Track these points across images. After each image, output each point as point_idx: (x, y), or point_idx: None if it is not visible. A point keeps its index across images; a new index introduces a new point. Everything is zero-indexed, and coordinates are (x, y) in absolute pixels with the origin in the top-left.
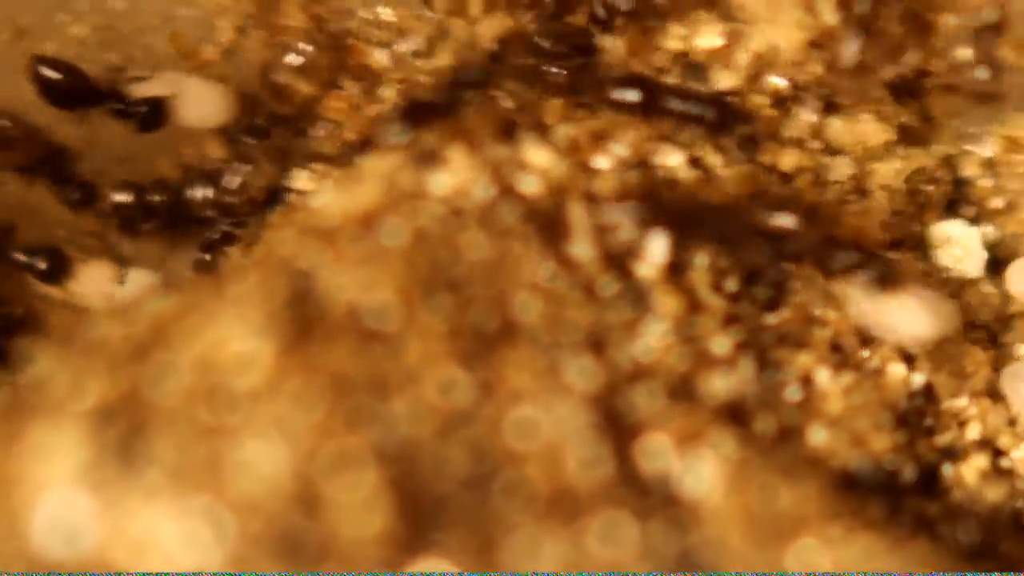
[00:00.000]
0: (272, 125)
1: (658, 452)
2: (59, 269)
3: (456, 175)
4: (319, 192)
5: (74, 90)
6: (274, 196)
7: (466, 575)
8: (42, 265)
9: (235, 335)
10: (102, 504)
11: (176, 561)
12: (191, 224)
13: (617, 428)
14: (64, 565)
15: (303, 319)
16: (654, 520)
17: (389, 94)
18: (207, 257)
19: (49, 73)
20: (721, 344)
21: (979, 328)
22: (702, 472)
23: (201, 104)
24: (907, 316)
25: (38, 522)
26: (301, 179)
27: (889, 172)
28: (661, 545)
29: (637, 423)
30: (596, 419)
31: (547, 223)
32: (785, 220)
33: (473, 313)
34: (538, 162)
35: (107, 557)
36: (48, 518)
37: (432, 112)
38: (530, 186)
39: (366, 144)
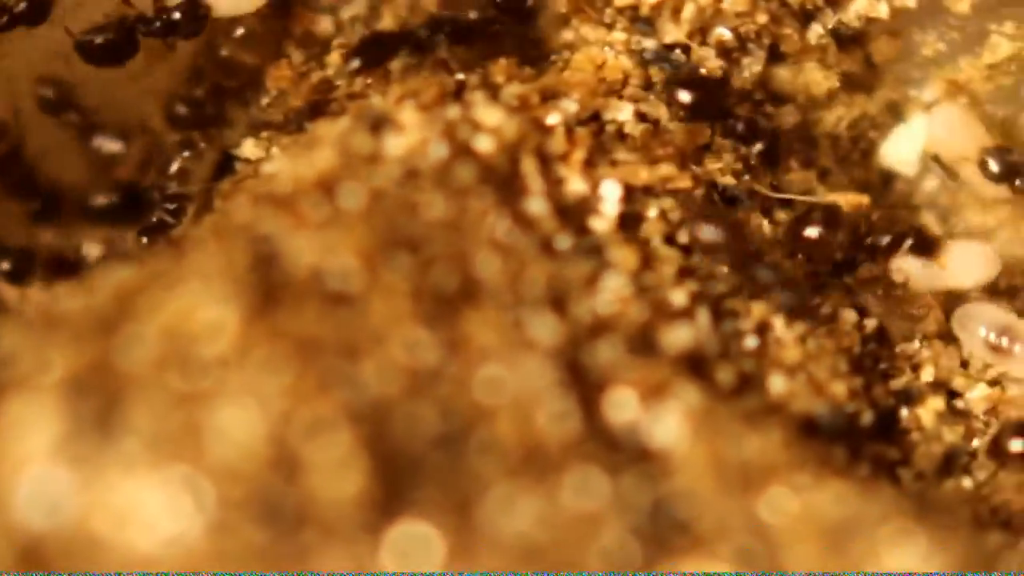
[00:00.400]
0: (216, 97)
1: (624, 404)
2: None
3: (409, 136)
4: (270, 159)
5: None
6: (222, 166)
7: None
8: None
9: (200, 303)
10: (82, 476)
11: (158, 529)
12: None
13: (583, 382)
14: (46, 537)
15: (267, 285)
16: (625, 472)
17: (334, 59)
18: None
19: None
20: (678, 296)
21: None
22: (668, 423)
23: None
24: None
25: (19, 496)
26: (249, 148)
27: (832, 119)
28: (634, 496)
29: (602, 377)
30: (562, 374)
31: (502, 181)
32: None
33: (434, 273)
34: (490, 121)
35: (89, 527)
36: (29, 492)
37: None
38: (484, 145)
39: (315, 110)
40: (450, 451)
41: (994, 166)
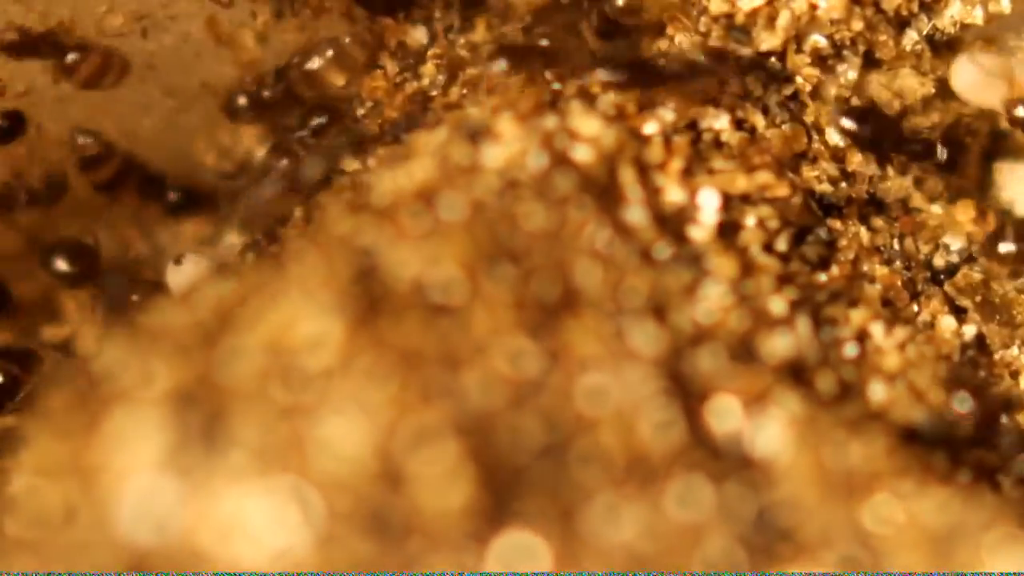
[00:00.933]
0: (311, 113)
1: (727, 413)
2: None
3: (508, 146)
4: (367, 171)
5: None
6: (323, 179)
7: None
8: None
9: (302, 315)
10: (187, 489)
11: (265, 543)
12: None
13: (685, 391)
14: (152, 551)
15: (369, 296)
16: (729, 481)
17: (429, 70)
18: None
19: None
20: (777, 304)
21: None
22: (771, 431)
23: None
24: None
25: (124, 509)
26: (345, 159)
27: (927, 125)
28: (737, 505)
29: (704, 385)
30: (664, 383)
31: (601, 191)
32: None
33: (536, 283)
34: (587, 130)
35: (194, 541)
36: (134, 505)
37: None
38: (581, 155)
39: (410, 121)
40: (554, 461)
41: None
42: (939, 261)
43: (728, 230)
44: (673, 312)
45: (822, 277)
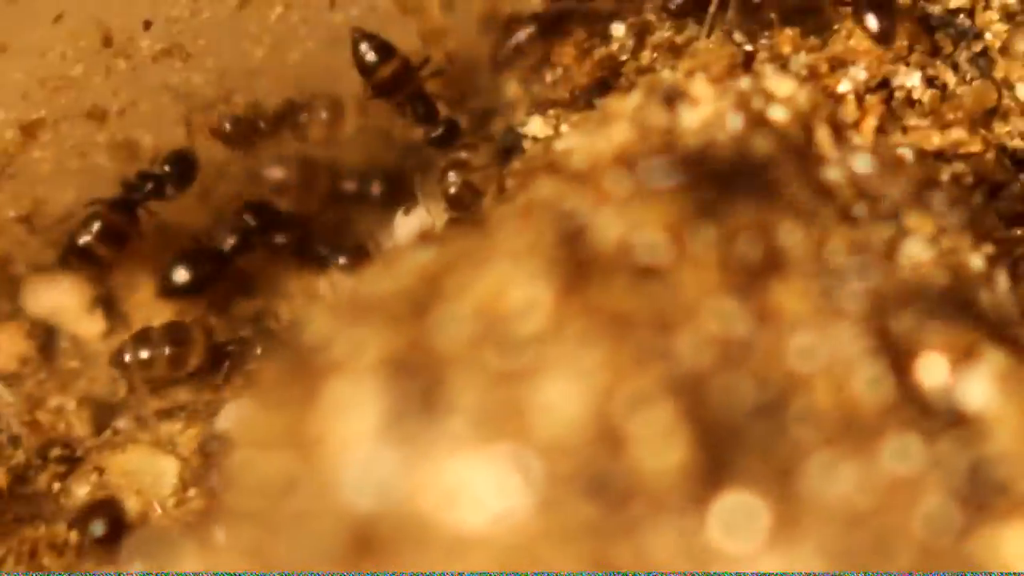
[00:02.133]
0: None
1: (935, 369)
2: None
3: (704, 109)
4: (561, 137)
5: None
6: (511, 145)
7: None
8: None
9: (511, 281)
10: (409, 456)
11: (487, 506)
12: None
13: (893, 348)
14: (375, 517)
15: (576, 260)
16: (941, 436)
17: (619, 33)
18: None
19: None
20: (975, 259)
21: None
22: (980, 386)
23: None
24: None
25: (346, 478)
26: (536, 126)
27: None
28: (951, 460)
29: (910, 342)
30: (872, 341)
31: (798, 150)
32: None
33: (740, 243)
34: (782, 91)
35: (417, 507)
36: (356, 473)
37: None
38: (778, 115)
39: (602, 86)
40: (768, 420)
41: None
42: None
43: (924, 187)
44: (875, 270)
45: (1017, 231)
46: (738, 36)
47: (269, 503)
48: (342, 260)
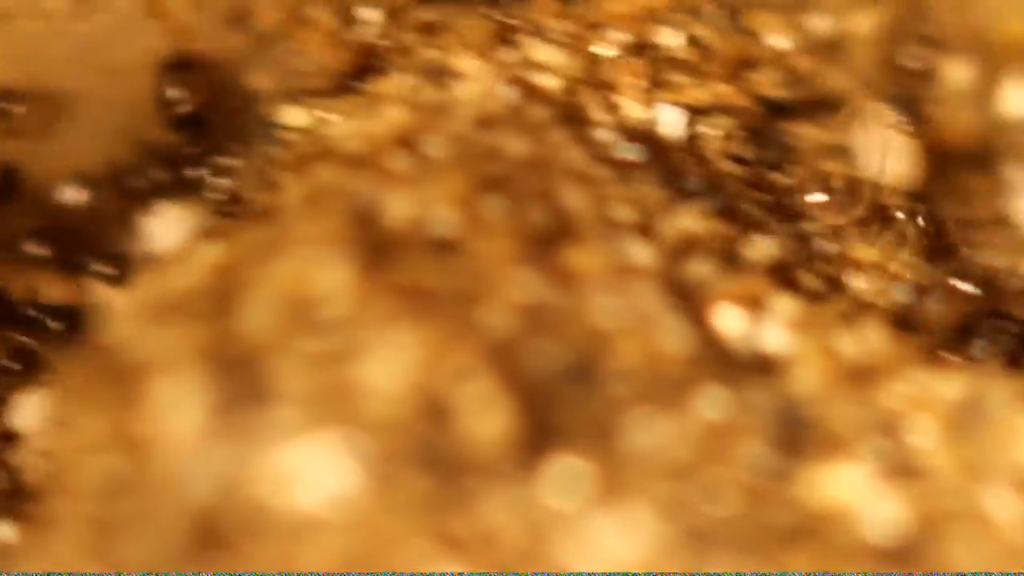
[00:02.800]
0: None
1: (730, 317)
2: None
3: (474, 83)
4: (331, 124)
5: None
6: (271, 138)
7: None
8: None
9: (311, 267)
10: (241, 447)
11: (322, 489)
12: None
13: (689, 300)
14: (215, 510)
15: (372, 241)
16: (748, 383)
17: (370, 17)
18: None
19: None
20: (752, 208)
21: None
22: (775, 331)
23: None
24: None
25: (183, 475)
26: (296, 116)
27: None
28: (761, 405)
29: (704, 293)
30: (668, 293)
31: (571, 115)
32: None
33: (528, 210)
34: (546, 59)
35: (255, 495)
36: (192, 470)
37: None
38: (546, 82)
39: (363, 70)
40: (583, 381)
41: None
42: None
43: (693, 143)
44: (658, 225)
45: (785, 179)
46: (494, 10)
47: (104, 506)
48: (102, 268)
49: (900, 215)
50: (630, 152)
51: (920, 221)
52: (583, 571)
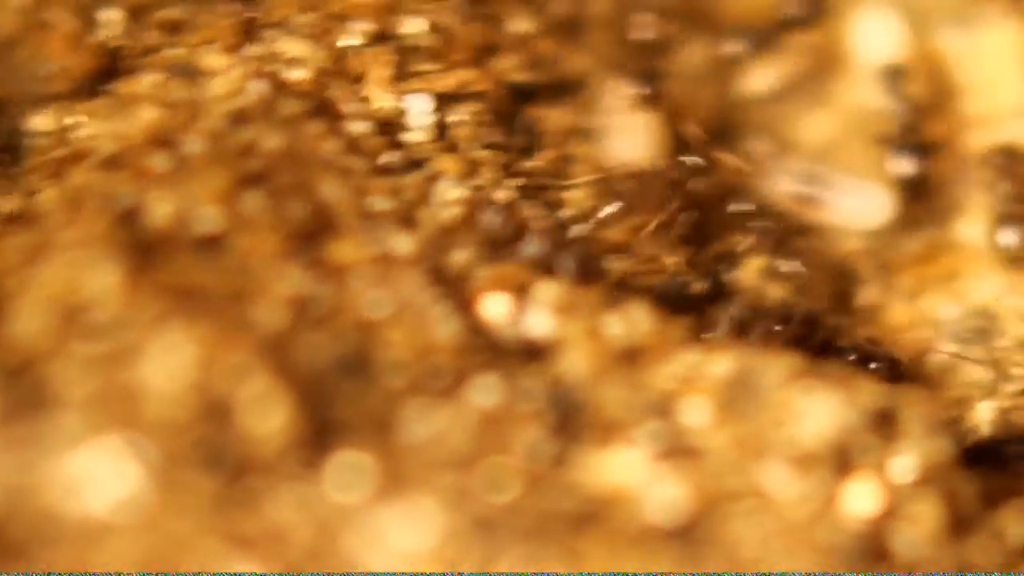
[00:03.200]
0: None
1: (496, 305)
2: None
3: (223, 78)
4: (79, 127)
5: None
6: (18, 144)
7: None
8: None
9: (78, 273)
10: (27, 456)
11: (108, 494)
12: None
13: (454, 288)
14: (5, 519)
15: (137, 242)
16: (520, 370)
17: (110, 18)
18: None
19: None
20: (504, 194)
21: None
22: (541, 316)
23: None
24: None
25: None
26: (42, 121)
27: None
28: (534, 391)
29: (468, 281)
30: (433, 283)
31: (322, 107)
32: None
33: (288, 204)
34: (293, 52)
35: (44, 504)
36: None
37: None
38: (295, 75)
39: (109, 72)
40: (357, 374)
41: None
42: None
43: (443, 129)
44: (419, 214)
45: (534, 163)
46: (237, 5)
47: None
48: None
49: (651, 195)
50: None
51: (671, 201)
52: (377, 571)
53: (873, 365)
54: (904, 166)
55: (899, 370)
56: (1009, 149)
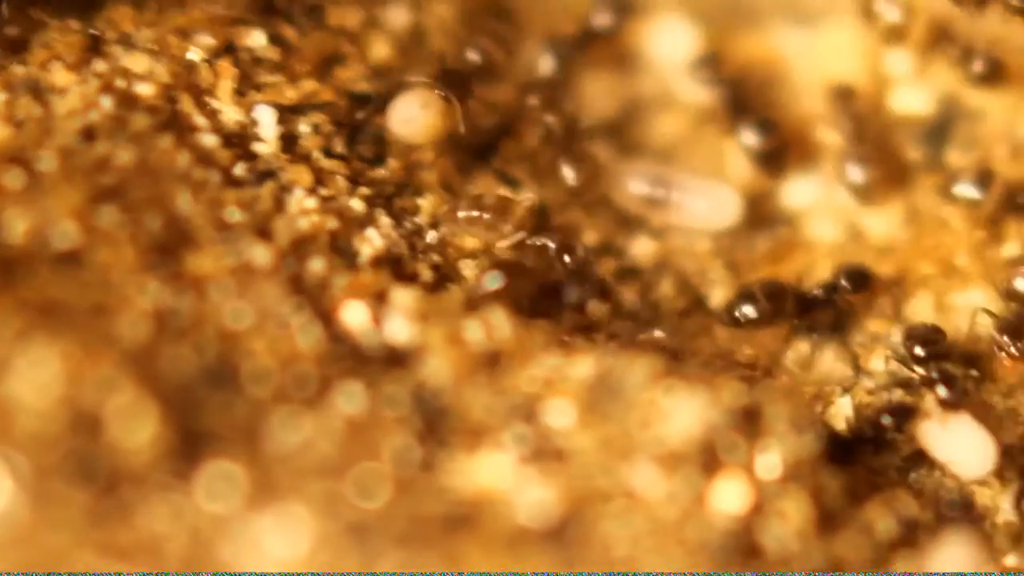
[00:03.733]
0: None
1: (354, 313)
2: None
3: (72, 95)
4: None
5: None
6: None
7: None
8: None
9: None
10: None
11: None
12: None
13: (312, 298)
14: None
15: None
16: (383, 377)
17: None
18: None
19: None
20: (356, 203)
21: None
22: (399, 324)
23: None
24: None
25: None
26: None
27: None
28: (398, 398)
29: (325, 290)
30: (292, 293)
31: (171, 121)
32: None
33: (144, 218)
34: (139, 68)
35: None
36: None
37: None
38: (144, 91)
39: None
40: (223, 385)
41: None
42: None
43: (290, 141)
44: (273, 225)
45: (382, 172)
46: (78, 21)
47: None
48: None
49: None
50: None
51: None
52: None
53: (732, 364)
54: (749, 139)
55: (758, 368)
56: (844, 89)
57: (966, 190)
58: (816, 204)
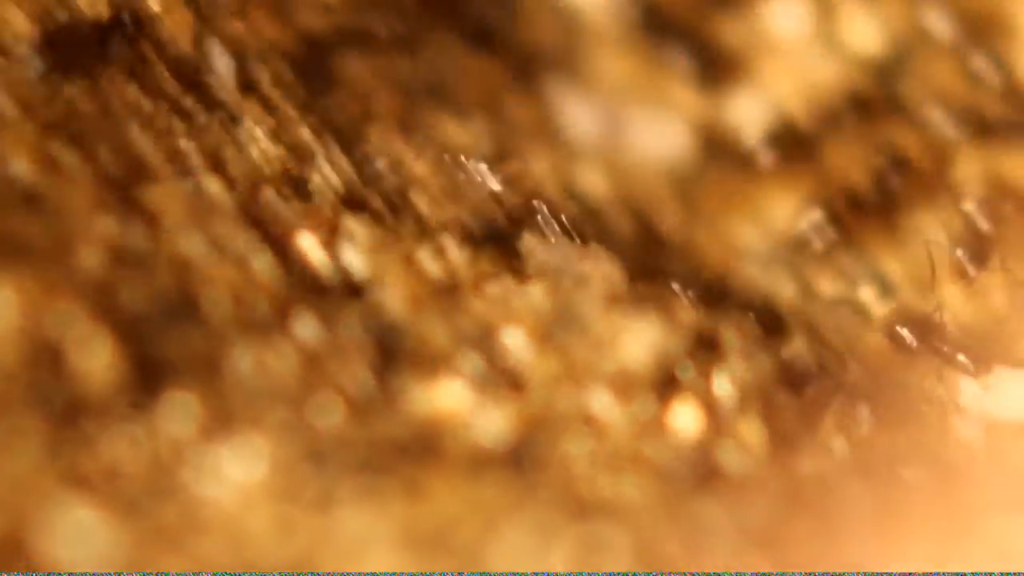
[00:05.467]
0: None
1: (311, 247)
2: None
3: (16, 27)
4: None
5: None
6: None
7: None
8: None
9: None
10: None
11: None
12: None
13: (270, 233)
14: None
15: None
16: (341, 305)
17: None
18: None
19: None
20: (305, 134)
21: None
22: (355, 256)
23: None
24: None
25: None
26: None
27: None
28: (356, 325)
29: (281, 225)
30: (249, 227)
31: (120, 54)
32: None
33: (101, 156)
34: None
35: None
36: None
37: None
38: (91, 13)
39: None
40: (182, 316)
41: None
42: None
43: (245, 77)
44: (230, 162)
45: (331, 102)
46: None
47: None
48: None
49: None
50: None
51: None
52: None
53: (686, 290)
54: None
55: (712, 294)
56: None
57: None
58: None
